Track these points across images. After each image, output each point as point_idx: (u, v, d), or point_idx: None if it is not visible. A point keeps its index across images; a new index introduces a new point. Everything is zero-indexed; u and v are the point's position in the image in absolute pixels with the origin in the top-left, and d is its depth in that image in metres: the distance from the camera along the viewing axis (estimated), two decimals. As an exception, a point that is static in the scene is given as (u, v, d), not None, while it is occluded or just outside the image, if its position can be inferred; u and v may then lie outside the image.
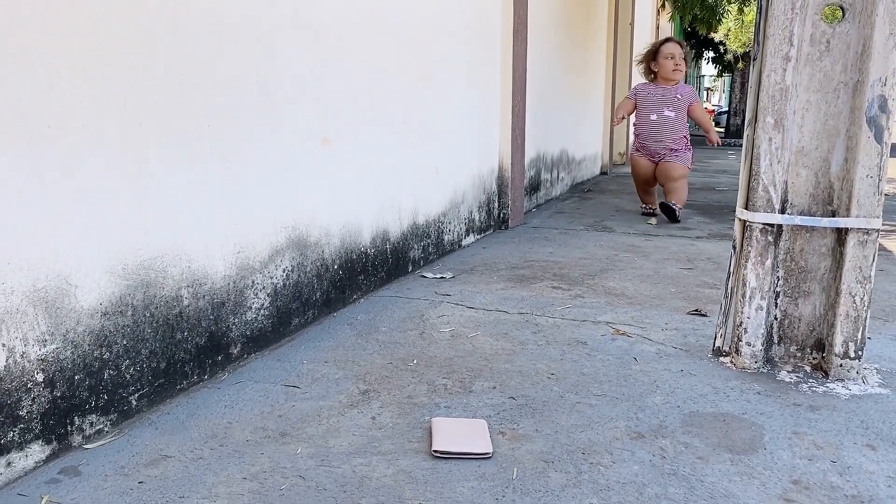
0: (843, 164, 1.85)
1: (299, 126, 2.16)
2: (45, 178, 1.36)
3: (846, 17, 1.80)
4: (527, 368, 1.95)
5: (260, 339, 2.05)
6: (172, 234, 1.69)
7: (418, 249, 3.10)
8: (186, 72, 1.69)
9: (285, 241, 2.13)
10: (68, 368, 1.44)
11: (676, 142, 4.61)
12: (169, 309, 1.70)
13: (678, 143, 4.61)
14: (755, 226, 1.91)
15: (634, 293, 2.77)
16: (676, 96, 4.59)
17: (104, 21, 1.46)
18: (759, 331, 1.95)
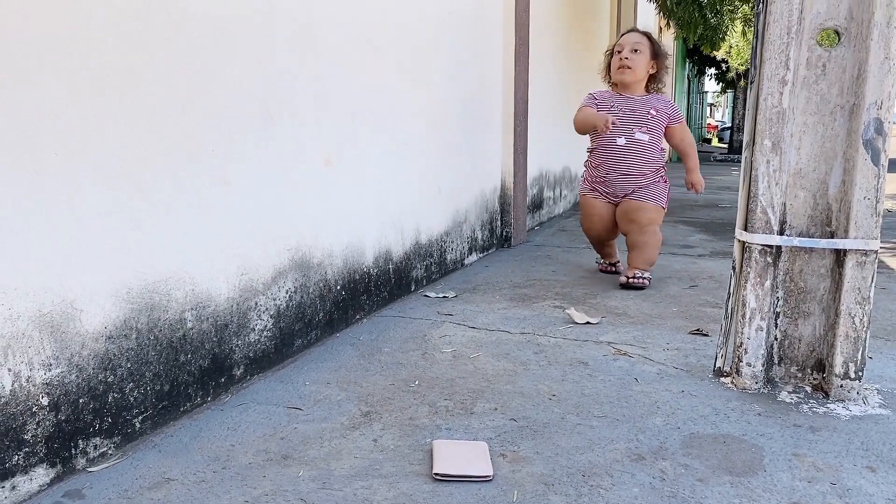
0: (840, 186, 1.87)
1: (301, 147, 2.18)
2: (50, 205, 1.38)
3: (842, 41, 1.82)
4: (528, 389, 1.96)
5: (263, 360, 2.06)
6: (176, 258, 1.71)
7: (421, 269, 3.12)
8: (189, 96, 1.72)
9: (288, 263, 2.15)
10: (73, 392, 1.46)
11: (648, 175, 3.21)
12: (173, 332, 1.72)
13: (651, 176, 3.23)
14: (754, 247, 1.92)
15: (636, 312, 2.78)
16: (650, 112, 3.19)
17: (108, 48, 1.49)
18: (759, 351, 1.96)
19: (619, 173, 3.23)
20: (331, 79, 2.32)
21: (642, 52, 3.16)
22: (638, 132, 3.17)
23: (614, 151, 3.22)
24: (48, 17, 1.35)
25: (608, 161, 3.24)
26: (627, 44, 3.17)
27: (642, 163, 3.19)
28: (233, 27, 1.85)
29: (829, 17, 1.82)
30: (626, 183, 3.23)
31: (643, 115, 3.19)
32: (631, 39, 3.19)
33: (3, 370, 1.31)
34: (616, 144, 3.20)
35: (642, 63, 3.16)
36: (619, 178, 3.23)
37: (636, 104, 3.21)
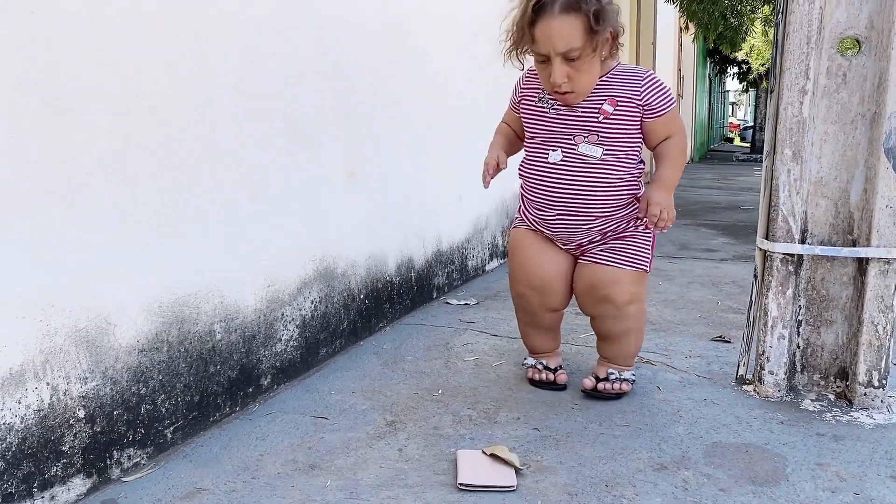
0: (862, 195, 1.87)
1: (325, 160, 2.22)
2: (84, 224, 1.43)
3: (862, 49, 1.83)
4: (550, 398, 1.97)
5: (289, 369, 2.10)
6: (205, 272, 1.75)
7: (442, 276, 3.15)
8: (217, 116, 1.76)
9: (313, 273, 2.19)
10: (107, 404, 1.51)
11: (612, 215, 1.89)
12: (202, 343, 1.76)
13: (618, 215, 1.89)
14: (776, 256, 1.93)
15: (658, 319, 2.78)
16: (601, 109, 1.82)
17: (139, 70, 1.54)
18: (781, 359, 1.96)
19: (556, 213, 1.87)
20: (353, 94, 2.35)
21: (582, 52, 1.69)
22: (584, 143, 1.81)
23: (544, 175, 1.87)
24: (84, 42, 1.40)
25: (537, 191, 1.90)
26: (554, 50, 1.69)
27: (595, 195, 1.83)
28: (261, 48, 1.89)
29: (850, 25, 1.82)
30: (572, 229, 1.89)
31: (590, 114, 1.81)
32: (554, 40, 1.68)
33: (42, 384, 1.36)
34: (547, 163, 1.86)
35: (586, 71, 1.74)
36: (557, 221, 1.88)
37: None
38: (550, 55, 1.71)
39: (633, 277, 1.91)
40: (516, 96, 2.00)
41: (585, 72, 1.74)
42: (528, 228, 2.01)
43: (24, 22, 1.29)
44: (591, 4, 1.66)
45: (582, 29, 1.67)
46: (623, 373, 2.00)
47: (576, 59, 1.70)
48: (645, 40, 8.55)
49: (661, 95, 1.82)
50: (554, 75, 1.72)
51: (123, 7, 1.48)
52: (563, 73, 1.72)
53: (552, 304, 1.99)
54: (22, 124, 1.30)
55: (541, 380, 2.05)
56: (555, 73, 1.72)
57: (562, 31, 1.67)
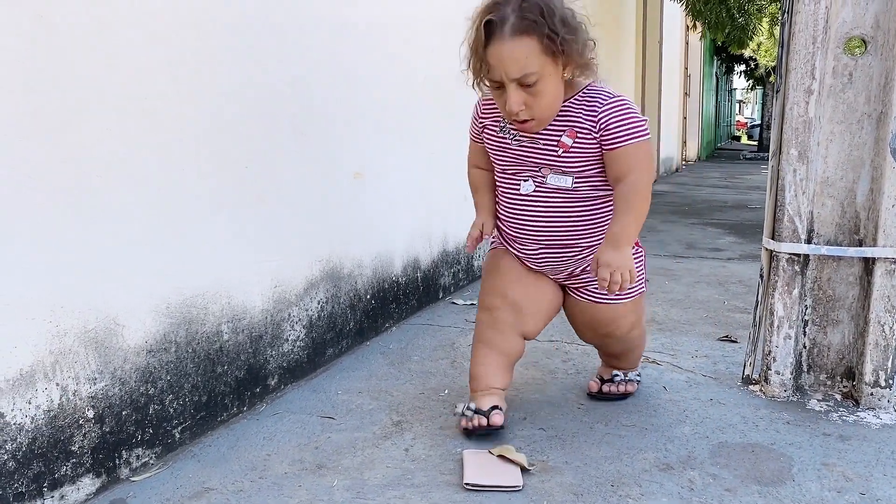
0: (868, 195, 1.87)
1: (331, 161, 2.23)
2: (93, 226, 1.44)
3: (868, 49, 1.82)
4: (556, 398, 1.98)
5: (296, 369, 2.11)
6: (213, 273, 1.76)
7: (448, 276, 3.16)
8: (223, 118, 1.77)
9: (320, 274, 2.20)
10: (116, 404, 1.52)
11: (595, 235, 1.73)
12: (210, 344, 1.77)
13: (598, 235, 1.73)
14: (782, 256, 1.93)
15: (664, 318, 2.78)
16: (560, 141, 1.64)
17: (145, 72, 1.55)
18: (787, 359, 1.96)
19: (539, 247, 1.74)
20: (360, 94, 2.36)
21: (540, 76, 1.50)
22: (551, 174, 1.67)
23: (519, 207, 1.73)
24: (89, 45, 1.41)
25: (515, 226, 1.75)
26: (507, 76, 1.51)
27: (577, 224, 1.70)
28: (267, 50, 1.90)
29: (855, 25, 1.82)
30: (558, 261, 1.75)
31: (550, 147, 1.65)
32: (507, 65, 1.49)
33: (52, 385, 1.37)
34: (520, 195, 1.71)
35: (547, 93, 1.55)
36: (542, 255, 1.75)
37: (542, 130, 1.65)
38: (504, 81, 1.52)
39: (632, 306, 1.81)
40: (476, 126, 1.80)
41: (545, 97, 1.54)
42: (508, 250, 1.82)
43: (30, 26, 1.30)
44: (549, 21, 1.46)
45: (538, 51, 1.47)
46: (628, 374, 1.97)
47: (533, 85, 1.51)
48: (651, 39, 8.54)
49: (620, 124, 1.58)
50: (509, 103, 1.53)
51: (126, 9, 1.50)
52: (520, 100, 1.53)
53: (525, 328, 1.78)
54: (29, 126, 1.31)
55: (472, 428, 1.71)
56: (510, 101, 1.52)
57: (514, 56, 1.47)
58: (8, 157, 1.27)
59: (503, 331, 1.77)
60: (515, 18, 1.46)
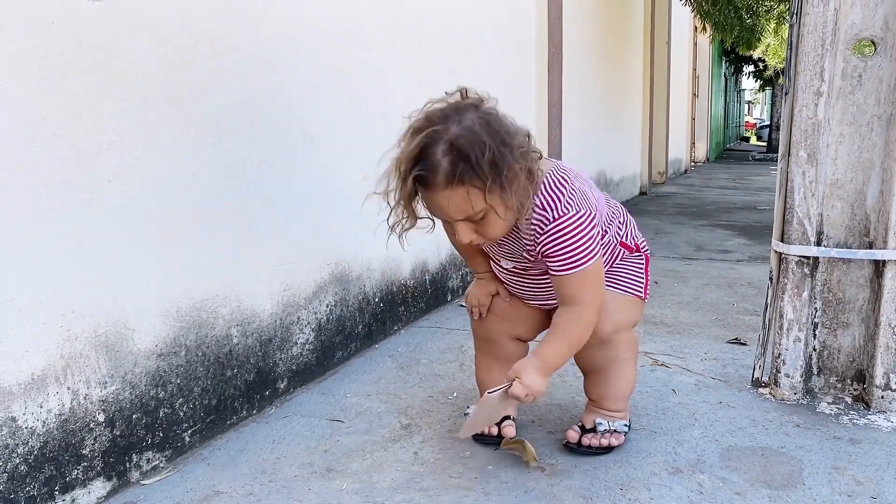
0: (878, 197, 1.86)
1: (340, 164, 2.24)
2: (104, 230, 1.45)
3: (878, 51, 1.82)
4: (565, 401, 1.98)
5: (305, 372, 2.11)
6: (222, 277, 1.77)
7: (456, 279, 3.16)
8: (234, 121, 1.78)
9: (329, 277, 2.21)
10: (127, 408, 1.53)
11: None
12: (219, 347, 1.78)
13: None
14: (791, 258, 1.92)
15: (673, 321, 2.78)
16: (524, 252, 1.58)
17: (154, 77, 1.56)
18: (797, 362, 1.95)
19: (534, 299, 1.72)
20: (370, 96, 2.37)
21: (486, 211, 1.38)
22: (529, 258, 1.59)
23: (506, 277, 1.72)
24: (101, 51, 1.42)
25: (510, 284, 1.73)
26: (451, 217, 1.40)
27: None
28: (278, 54, 1.91)
29: (865, 27, 1.81)
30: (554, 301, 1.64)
31: (516, 250, 1.59)
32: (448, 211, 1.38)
33: (63, 388, 1.38)
34: (504, 269, 1.70)
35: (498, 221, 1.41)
36: (536, 300, 1.72)
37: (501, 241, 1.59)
38: (454, 225, 1.42)
39: (619, 302, 1.63)
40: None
41: (496, 225, 1.41)
42: None
43: (44, 32, 1.31)
44: (482, 162, 1.30)
45: (478, 194, 1.34)
46: (614, 423, 1.69)
47: (481, 219, 1.39)
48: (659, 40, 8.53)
49: (559, 253, 1.45)
50: (459, 235, 1.43)
51: (137, 14, 1.51)
52: (469, 232, 1.42)
53: (518, 332, 1.75)
54: (42, 132, 1.32)
55: (482, 433, 1.71)
56: (459, 234, 1.42)
57: (453, 203, 1.35)
58: (19, 162, 1.28)
59: (497, 340, 1.75)
60: (448, 166, 1.31)
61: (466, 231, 1.41)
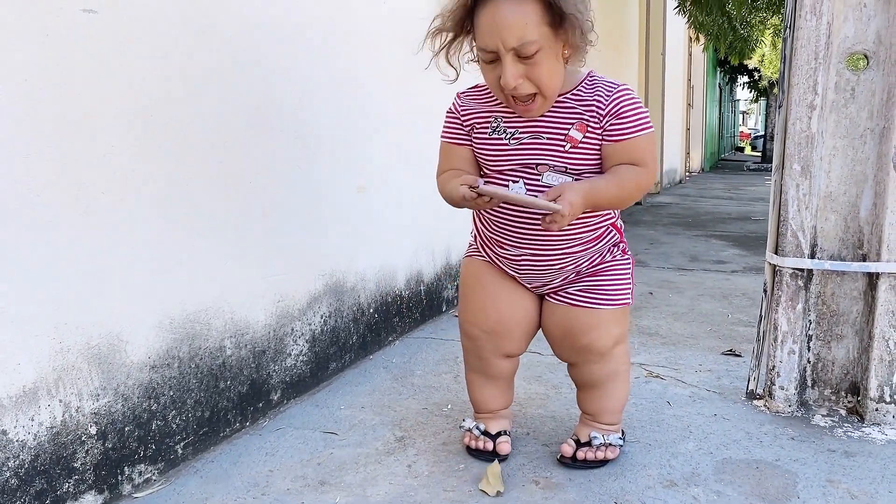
0: (871, 209, 1.86)
1: (335, 175, 2.24)
2: (98, 242, 1.45)
3: (870, 64, 1.83)
4: (560, 414, 1.97)
5: (299, 384, 2.11)
6: (216, 288, 1.77)
7: (451, 289, 3.16)
8: (230, 133, 1.78)
9: (323, 288, 2.20)
10: (119, 421, 1.52)
11: (585, 248, 1.58)
12: (213, 359, 1.77)
13: (591, 248, 1.59)
14: (785, 270, 1.92)
15: (668, 332, 2.78)
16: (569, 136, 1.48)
17: (151, 87, 1.56)
18: (791, 375, 1.95)
19: (521, 252, 1.58)
20: (365, 110, 2.37)
21: (540, 47, 1.35)
22: (549, 172, 1.49)
23: (507, 211, 1.56)
24: (96, 64, 1.42)
25: (498, 230, 1.59)
26: (504, 45, 1.34)
27: (566, 231, 1.53)
28: (273, 64, 1.91)
29: (857, 41, 1.82)
30: (541, 270, 1.59)
31: (556, 143, 1.48)
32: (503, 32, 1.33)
33: (55, 401, 1.37)
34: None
35: (547, 67, 1.38)
36: (524, 262, 1.59)
37: (543, 117, 1.50)
38: (500, 51, 1.35)
39: (616, 316, 1.60)
40: (457, 127, 1.61)
41: (544, 71, 1.37)
42: (484, 261, 1.68)
43: (38, 45, 1.31)
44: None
45: (538, 17, 1.32)
46: (609, 436, 1.67)
47: (531, 57, 1.34)
48: (654, 50, 8.56)
49: (631, 113, 1.45)
50: (505, 76, 1.35)
51: (134, 25, 1.51)
52: (518, 73, 1.36)
53: (508, 349, 1.68)
54: (36, 144, 1.32)
55: (477, 448, 1.70)
56: (506, 74, 1.35)
57: (514, 20, 1.31)
58: (13, 173, 1.28)
59: (487, 358, 1.70)
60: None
61: (514, 70, 1.35)
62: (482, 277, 1.68)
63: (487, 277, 1.67)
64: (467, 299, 1.70)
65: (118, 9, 1.46)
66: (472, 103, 1.59)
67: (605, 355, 1.62)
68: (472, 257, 1.72)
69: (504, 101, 1.48)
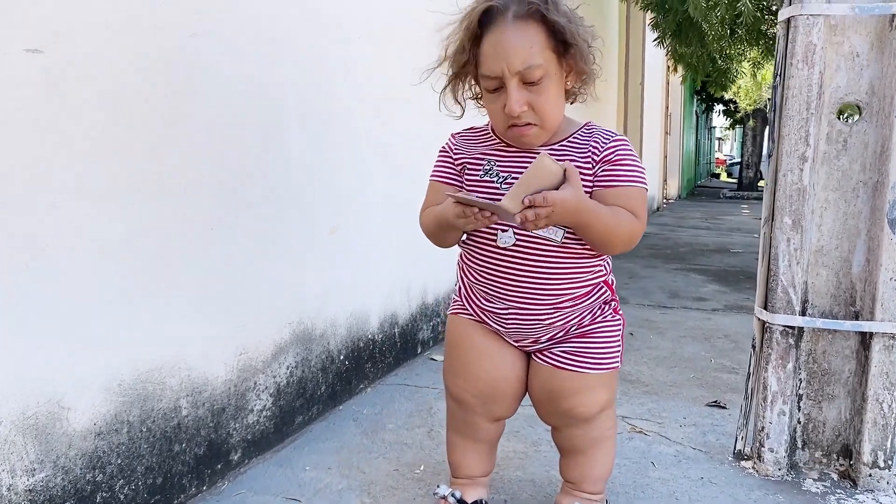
0: (864, 265, 1.79)
1: (306, 219, 2.12)
2: (40, 298, 1.32)
3: (863, 115, 1.76)
4: (539, 476, 1.86)
5: (262, 441, 1.98)
6: (172, 344, 1.64)
7: (427, 330, 3.04)
8: (190, 175, 1.67)
9: (290, 337, 2.08)
10: (58, 496, 1.38)
11: (578, 303, 1.48)
12: (167, 421, 1.64)
13: (580, 305, 1.48)
14: (776, 327, 1.84)
15: (650, 379, 2.68)
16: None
17: (105, 129, 1.44)
18: (781, 436, 1.86)
19: (509, 306, 1.48)
20: (339, 148, 2.27)
21: (545, 72, 1.33)
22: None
23: (493, 262, 1.47)
24: (35, 97, 1.31)
25: (487, 282, 1.50)
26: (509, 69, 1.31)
27: (556, 285, 1.45)
28: (237, 103, 1.81)
29: (850, 91, 1.76)
30: (529, 325, 1.49)
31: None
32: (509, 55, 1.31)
33: (-17, 481, 1.24)
34: (495, 248, 1.46)
35: (551, 95, 1.37)
36: (511, 316, 1.49)
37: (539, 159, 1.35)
38: (504, 76, 1.32)
39: (603, 380, 1.50)
40: (448, 166, 1.54)
41: (548, 99, 1.35)
42: (470, 318, 1.57)
43: (-28, 89, 1.19)
44: (556, 12, 1.32)
45: (544, 42, 1.32)
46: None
47: (536, 83, 1.32)
48: (633, 80, 8.58)
49: (625, 163, 1.39)
50: (510, 102, 1.32)
51: (83, 66, 1.39)
52: (522, 99, 1.33)
53: (497, 413, 1.58)
54: (-33, 199, 1.20)
55: None
56: (511, 100, 1.32)
57: (519, 43, 1.30)
58: (-61, 233, 1.16)
59: (475, 421, 1.59)
60: (519, 5, 1.31)
61: (519, 96, 1.33)
62: (470, 337, 1.56)
63: (476, 337, 1.56)
64: (455, 361, 1.59)
65: (65, 49, 1.35)
66: (467, 144, 1.54)
67: (589, 421, 1.51)
68: (458, 315, 1.60)
69: (503, 131, 1.43)
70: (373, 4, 2.47)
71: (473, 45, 1.36)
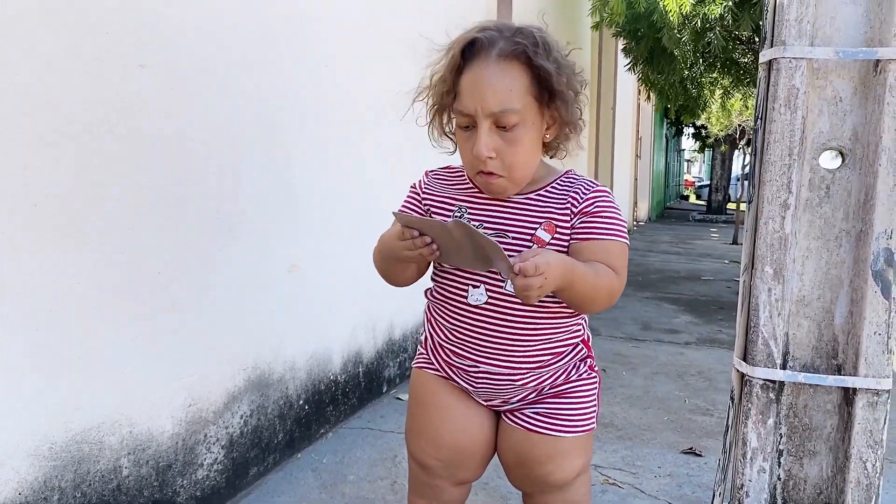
0: (847, 318, 1.72)
1: (264, 254, 2.01)
2: (-46, 363, 1.19)
3: (846, 162, 1.70)
4: (508, 537, 1.76)
5: (212, 497, 1.84)
6: (112, 399, 1.51)
7: (394, 367, 2.93)
8: (135, 214, 1.55)
9: (244, 384, 1.95)
10: (-26, 578, 1.25)
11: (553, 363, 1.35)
12: (105, 484, 1.51)
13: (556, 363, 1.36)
14: (756, 381, 1.76)
15: (623, 422, 2.60)
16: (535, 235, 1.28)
17: (39, 166, 1.32)
18: (761, 495, 1.78)
19: (480, 366, 1.34)
20: (301, 183, 2.16)
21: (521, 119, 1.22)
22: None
23: (464, 320, 1.34)
24: None
25: (456, 341, 1.36)
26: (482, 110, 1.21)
27: (531, 344, 1.32)
28: (191, 134, 1.69)
29: (832, 137, 1.69)
30: (500, 385, 1.35)
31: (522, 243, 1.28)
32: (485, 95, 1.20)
33: None
34: (466, 305, 1.32)
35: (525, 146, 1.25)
36: (482, 376, 1.35)
37: (510, 213, 1.31)
38: (477, 116, 1.21)
39: (578, 444, 1.37)
40: (420, 205, 1.42)
41: (521, 150, 1.23)
42: (437, 374, 1.42)
43: None
44: (544, 57, 1.20)
45: (525, 87, 1.21)
46: None
47: (510, 129, 1.21)
48: (605, 105, 8.59)
49: (606, 215, 1.28)
50: (478, 145, 1.21)
51: (14, 98, 1.27)
52: (492, 144, 1.21)
53: (463, 477, 1.44)
54: None
55: None
56: (479, 143, 1.21)
57: (497, 84, 1.20)
58: None
59: (438, 485, 1.44)
60: (506, 42, 1.21)
61: (489, 140, 1.21)
62: (434, 394, 1.42)
63: (441, 395, 1.41)
64: (418, 421, 1.45)
65: (-6, 82, 1.23)
66: (438, 185, 1.41)
67: (564, 488, 1.38)
68: (423, 370, 1.45)
69: (472, 175, 1.30)
70: (340, 33, 2.37)
71: (456, 77, 1.25)
